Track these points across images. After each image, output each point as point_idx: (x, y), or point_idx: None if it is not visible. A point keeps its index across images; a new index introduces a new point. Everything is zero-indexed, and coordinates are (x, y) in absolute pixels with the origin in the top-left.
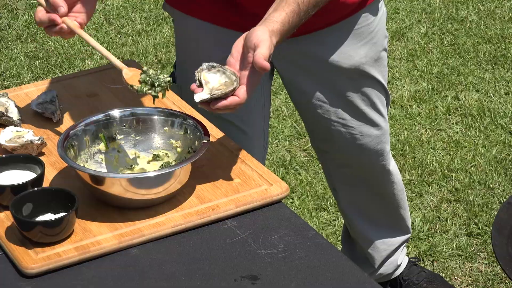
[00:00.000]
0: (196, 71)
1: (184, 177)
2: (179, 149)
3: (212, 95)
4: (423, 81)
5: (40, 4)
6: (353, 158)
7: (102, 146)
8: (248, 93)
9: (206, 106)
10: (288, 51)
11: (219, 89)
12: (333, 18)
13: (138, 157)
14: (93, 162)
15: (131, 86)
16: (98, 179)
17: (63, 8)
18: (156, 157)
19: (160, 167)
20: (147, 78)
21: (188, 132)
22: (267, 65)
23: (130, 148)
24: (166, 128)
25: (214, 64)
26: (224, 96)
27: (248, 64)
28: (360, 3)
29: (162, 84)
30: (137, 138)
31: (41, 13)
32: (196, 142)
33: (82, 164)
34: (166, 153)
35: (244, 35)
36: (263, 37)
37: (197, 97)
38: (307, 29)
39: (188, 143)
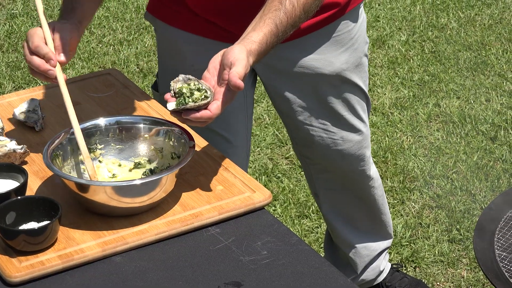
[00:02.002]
0: (172, 81)
1: (170, 185)
2: (161, 156)
3: (186, 105)
4: (404, 88)
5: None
6: (334, 164)
7: None
8: (221, 110)
9: (177, 116)
10: (269, 57)
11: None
12: (311, 22)
13: (119, 165)
14: (76, 172)
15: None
16: (84, 187)
17: (53, 61)
18: (137, 165)
19: (142, 174)
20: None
21: (173, 139)
22: (241, 84)
23: (113, 157)
24: (149, 136)
25: (190, 77)
26: (197, 108)
27: (224, 81)
28: (339, 11)
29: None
30: (121, 146)
31: (37, 61)
32: (181, 149)
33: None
34: (148, 160)
35: (221, 51)
36: (240, 56)
37: (170, 106)
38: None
39: (172, 150)
